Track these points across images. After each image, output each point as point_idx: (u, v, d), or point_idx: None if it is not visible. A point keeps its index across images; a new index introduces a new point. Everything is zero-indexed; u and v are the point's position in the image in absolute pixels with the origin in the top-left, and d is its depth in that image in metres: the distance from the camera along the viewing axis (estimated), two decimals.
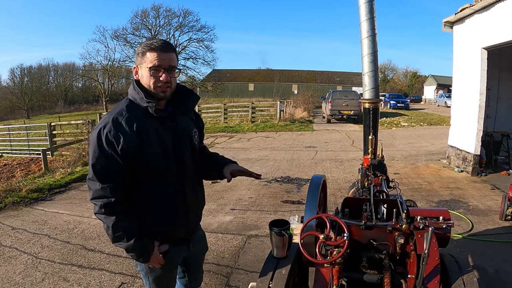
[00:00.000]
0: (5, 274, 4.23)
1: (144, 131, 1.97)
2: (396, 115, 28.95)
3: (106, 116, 1.99)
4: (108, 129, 1.90)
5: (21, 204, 7.02)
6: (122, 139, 1.90)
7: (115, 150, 1.90)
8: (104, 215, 1.92)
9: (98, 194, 1.92)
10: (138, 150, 1.95)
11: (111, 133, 1.89)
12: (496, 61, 8.72)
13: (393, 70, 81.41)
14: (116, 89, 59.29)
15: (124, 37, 46.71)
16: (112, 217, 1.92)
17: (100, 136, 1.90)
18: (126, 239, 1.96)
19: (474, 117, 8.30)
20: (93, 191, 1.93)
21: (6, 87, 67.50)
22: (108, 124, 1.91)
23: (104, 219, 1.94)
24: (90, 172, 1.94)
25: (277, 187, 7.80)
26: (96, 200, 1.93)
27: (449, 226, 2.49)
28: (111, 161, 1.91)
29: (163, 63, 1.97)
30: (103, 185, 1.91)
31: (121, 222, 1.93)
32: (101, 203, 1.91)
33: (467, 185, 7.66)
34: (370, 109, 4.25)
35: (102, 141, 1.89)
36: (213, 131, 19.71)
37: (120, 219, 1.93)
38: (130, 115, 1.95)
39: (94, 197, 1.94)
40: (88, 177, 1.96)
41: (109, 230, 1.94)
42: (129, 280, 4.07)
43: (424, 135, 16.27)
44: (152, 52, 1.96)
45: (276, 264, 2.41)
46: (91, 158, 1.94)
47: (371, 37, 4.13)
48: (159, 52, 1.97)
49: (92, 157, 1.93)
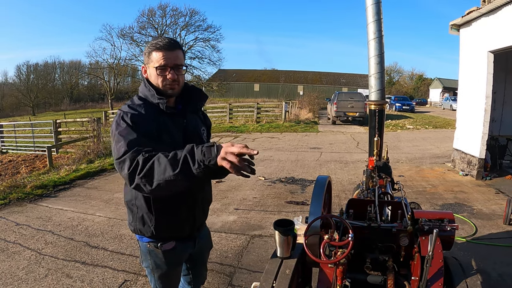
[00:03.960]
0: (9, 270, 4.25)
1: (157, 125, 1.99)
2: (401, 117, 28.88)
3: (123, 107, 2.02)
4: (130, 113, 1.93)
5: (26, 200, 7.07)
6: (145, 123, 1.93)
7: (140, 130, 1.88)
8: (148, 167, 1.69)
9: (131, 157, 1.75)
10: (156, 139, 1.95)
11: (135, 116, 1.92)
12: (502, 64, 8.69)
13: (399, 72, 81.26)
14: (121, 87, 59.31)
15: (130, 36, 46.73)
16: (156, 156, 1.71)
17: (125, 116, 1.90)
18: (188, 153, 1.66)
19: (479, 121, 8.26)
20: (128, 162, 1.75)
21: (12, 84, 67.83)
22: (129, 110, 1.95)
23: (155, 169, 1.68)
24: (120, 149, 1.80)
25: (281, 188, 7.80)
26: (133, 167, 1.73)
27: (454, 228, 2.49)
28: (140, 135, 1.85)
29: (169, 62, 1.99)
30: (133, 150, 1.77)
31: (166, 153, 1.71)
32: (139, 161, 1.72)
33: (472, 188, 7.62)
34: (376, 111, 4.24)
35: (127, 120, 1.89)
36: (218, 131, 19.72)
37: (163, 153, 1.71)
38: (146, 109, 2.00)
39: (130, 166, 1.74)
40: (118, 155, 1.80)
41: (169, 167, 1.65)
42: (132, 277, 4.08)
43: (429, 138, 16.22)
44: (158, 52, 1.98)
45: (280, 264, 2.40)
46: (119, 136, 1.84)
47: (378, 39, 4.12)
48: (164, 51, 1.98)
49: (121, 135, 1.85)
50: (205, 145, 1.65)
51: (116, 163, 1.83)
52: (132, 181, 1.74)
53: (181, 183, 1.67)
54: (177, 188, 1.72)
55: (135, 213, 2.12)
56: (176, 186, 1.69)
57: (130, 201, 2.13)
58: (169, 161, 1.65)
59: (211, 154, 1.61)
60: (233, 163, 1.57)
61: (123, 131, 1.85)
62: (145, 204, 2.07)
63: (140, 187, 1.74)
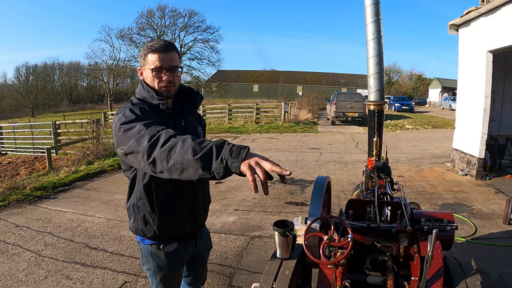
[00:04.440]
0: (8, 271, 4.25)
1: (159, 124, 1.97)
2: (400, 117, 28.89)
3: (125, 105, 2.02)
4: (138, 105, 1.95)
5: (25, 202, 7.06)
6: (151, 115, 1.92)
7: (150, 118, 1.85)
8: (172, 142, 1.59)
9: (151, 131, 1.67)
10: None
11: (143, 108, 1.93)
12: (501, 64, 8.69)
13: (398, 72, 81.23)
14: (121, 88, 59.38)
15: (129, 37, 46.71)
16: (183, 136, 1.60)
17: (133, 107, 1.90)
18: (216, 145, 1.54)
19: (478, 120, 8.26)
20: (147, 136, 1.66)
21: (11, 86, 67.85)
22: (137, 102, 1.99)
23: (178, 146, 1.57)
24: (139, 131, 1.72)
25: (280, 188, 7.79)
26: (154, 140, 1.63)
27: (453, 228, 2.49)
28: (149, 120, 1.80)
29: (164, 64, 2.01)
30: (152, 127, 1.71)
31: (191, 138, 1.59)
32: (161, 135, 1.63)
33: (471, 188, 7.63)
34: (375, 111, 4.25)
35: (136, 111, 1.86)
36: (218, 131, 19.74)
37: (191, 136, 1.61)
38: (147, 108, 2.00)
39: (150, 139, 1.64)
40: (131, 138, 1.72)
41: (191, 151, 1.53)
42: (132, 279, 4.07)
43: (429, 138, 16.23)
44: (153, 54, 2.00)
45: (280, 265, 2.40)
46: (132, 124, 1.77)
47: (376, 39, 4.13)
48: (159, 53, 1.99)
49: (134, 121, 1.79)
50: (237, 144, 1.53)
51: (132, 143, 1.70)
52: (151, 154, 1.61)
53: (197, 171, 1.53)
54: (190, 174, 1.55)
55: (136, 214, 2.12)
56: (190, 172, 1.54)
57: (132, 204, 2.14)
58: (194, 144, 1.53)
59: (238, 156, 1.47)
60: (258, 177, 1.43)
61: (134, 120, 1.79)
62: (148, 204, 2.08)
63: (156, 162, 1.61)
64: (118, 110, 1.99)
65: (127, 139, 1.74)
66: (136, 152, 1.68)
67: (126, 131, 1.76)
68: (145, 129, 1.70)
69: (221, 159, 1.48)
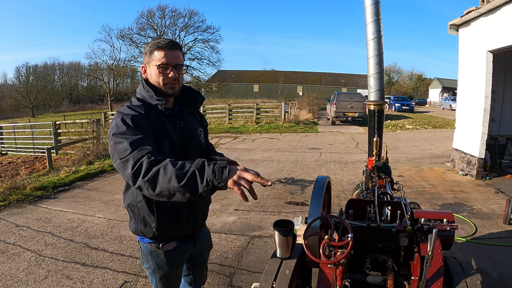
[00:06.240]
0: (9, 271, 4.25)
1: (156, 126, 2.01)
2: (401, 117, 28.89)
3: (122, 107, 2.02)
4: (131, 114, 1.93)
5: (25, 202, 7.06)
6: (145, 123, 1.93)
7: (141, 130, 1.87)
8: (153, 172, 1.66)
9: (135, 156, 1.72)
10: (155, 140, 1.95)
11: (135, 117, 1.92)
12: (501, 64, 8.69)
13: (398, 72, 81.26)
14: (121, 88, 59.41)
15: (129, 37, 46.65)
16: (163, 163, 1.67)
17: (126, 118, 1.89)
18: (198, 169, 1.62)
19: (479, 120, 8.27)
20: (131, 161, 1.72)
21: (11, 86, 67.96)
22: (129, 111, 1.95)
23: (160, 175, 1.64)
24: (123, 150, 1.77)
25: (281, 188, 7.80)
26: (137, 168, 1.69)
27: (453, 228, 2.49)
28: (138, 136, 1.83)
29: (171, 61, 2.02)
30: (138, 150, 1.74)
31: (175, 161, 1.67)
32: (143, 163, 1.69)
33: (471, 188, 7.63)
34: (375, 111, 4.25)
35: (128, 121, 1.87)
36: (218, 131, 19.73)
37: (172, 160, 1.68)
38: (145, 110, 2.00)
39: (133, 166, 1.70)
40: (121, 156, 1.77)
41: (174, 178, 1.61)
42: (132, 278, 4.08)
43: (429, 138, 16.23)
44: (160, 51, 2.01)
45: (280, 265, 2.40)
46: (120, 138, 1.82)
47: (376, 39, 4.13)
48: (166, 50, 2.01)
49: (122, 136, 1.82)
50: (217, 164, 1.62)
51: (118, 163, 1.78)
52: (135, 182, 1.70)
53: (184, 195, 1.63)
54: (178, 199, 1.65)
55: (136, 214, 2.12)
56: (178, 197, 1.65)
57: (131, 204, 2.13)
58: (176, 171, 1.62)
59: (222, 176, 1.58)
60: (246, 188, 1.57)
61: (124, 132, 1.83)
62: (146, 206, 2.07)
63: (142, 189, 1.71)
64: (116, 112, 2.01)
65: (116, 153, 1.81)
66: (123, 174, 1.79)
67: (116, 144, 1.82)
68: (130, 150, 1.75)
69: (206, 182, 1.58)
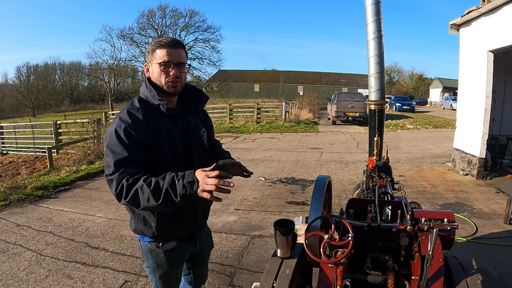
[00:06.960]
0: (9, 271, 4.25)
1: (158, 128, 2.02)
2: (401, 117, 28.88)
3: (122, 112, 2.03)
4: (126, 122, 1.94)
5: (26, 201, 7.06)
6: (140, 132, 1.94)
7: (134, 141, 1.91)
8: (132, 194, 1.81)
9: (118, 179, 1.84)
10: (152, 146, 1.98)
11: (130, 126, 1.93)
12: (502, 64, 8.68)
13: (399, 72, 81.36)
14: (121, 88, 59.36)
15: (130, 37, 46.68)
16: (139, 184, 1.81)
17: (118, 129, 1.92)
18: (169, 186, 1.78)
19: (479, 120, 8.26)
20: (115, 183, 1.85)
21: (12, 85, 68.04)
22: (126, 118, 1.96)
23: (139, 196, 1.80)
24: (109, 167, 1.88)
25: (281, 188, 7.80)
26: (119, 190, 1.83)
27: (454, 228, 2.49)
28: (131, 151, 1.89)
29: (173, 59, 2.02)
30: (120, 172, 1.85)
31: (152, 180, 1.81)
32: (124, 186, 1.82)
33: (472, 188, 7.63)
34: (376, 111, 4.25)
35: (121, 134, 1.91)
36: (218, 131, 19.71)
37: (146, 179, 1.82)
38: (145, 112, 2.01)
39: (116, 188, 1.84)
40: (108, 172, 1.89)
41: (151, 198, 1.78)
42: (132, 278, 4.08)
43: (429, 138, 16.22)
44: (162, 49, 2.02)
45: (280, 264, 2.41)
46: (110, 152, 1.91)
47: (377, 38, 4.13)
48: (168, 48, 2.02)
49: (111, 151, 1.90)
50: (185, 179, 1.78)
51: (106, 178, 1.92)
52: (120, 201, 1.88)
53: (166, 209, 1.85)
54: (164, 211, 1.92)
55: (136, 214, 2.12)
56: (162, 210, 1.91)
57: None
58: (152, 191, 1.78)
59: (193, 189, 1.75)
60: (213, 193, 1.76)
61: (114, 147, 1.91)
62: None
63: (127, 206, 1.92)
64: (116, 116, 2.03)
65: (105, 164, 1.95)
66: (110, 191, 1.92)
67: (106, 156, 1.94)
68: (113, 170, 1.87)
69: (180, 196, 1.76)
